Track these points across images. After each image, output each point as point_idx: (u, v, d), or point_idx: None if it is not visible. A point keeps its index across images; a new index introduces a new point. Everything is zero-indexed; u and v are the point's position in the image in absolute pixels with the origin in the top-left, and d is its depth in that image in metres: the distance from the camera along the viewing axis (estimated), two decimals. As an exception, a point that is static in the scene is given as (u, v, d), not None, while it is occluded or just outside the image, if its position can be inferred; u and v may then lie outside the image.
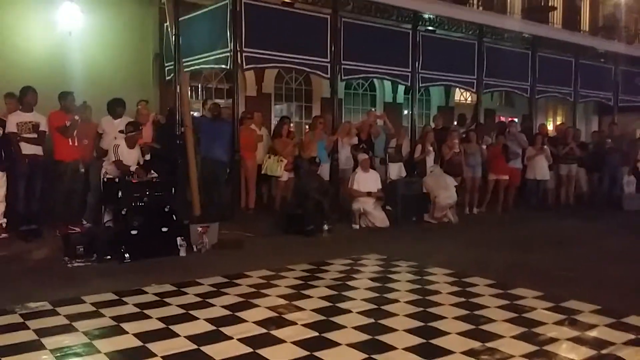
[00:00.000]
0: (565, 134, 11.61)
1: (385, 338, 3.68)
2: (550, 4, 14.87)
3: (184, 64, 8.47)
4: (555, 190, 11.36)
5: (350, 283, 5.10)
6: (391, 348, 3.50)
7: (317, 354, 3.38)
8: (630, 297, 4.74)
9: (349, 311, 4.24)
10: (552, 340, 3.70)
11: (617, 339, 3.73)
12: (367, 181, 8.39)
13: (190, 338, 3.62)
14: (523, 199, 10.84)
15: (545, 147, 10.68)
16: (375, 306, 4.38)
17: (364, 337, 3.70)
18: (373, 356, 3.36)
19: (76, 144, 7.02)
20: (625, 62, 14.57)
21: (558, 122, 16.09)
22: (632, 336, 3.78)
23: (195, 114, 9.74)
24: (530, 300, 4.59)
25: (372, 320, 4.03)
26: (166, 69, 9.65)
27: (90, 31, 8.63)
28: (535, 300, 4.60)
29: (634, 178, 11.55)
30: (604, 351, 3.51)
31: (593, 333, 3.86)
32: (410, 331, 3.82)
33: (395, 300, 4.53)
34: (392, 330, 3.85)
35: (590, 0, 16.43)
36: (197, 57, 8.87)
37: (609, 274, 5.64)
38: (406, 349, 3.49)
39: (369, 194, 8.29)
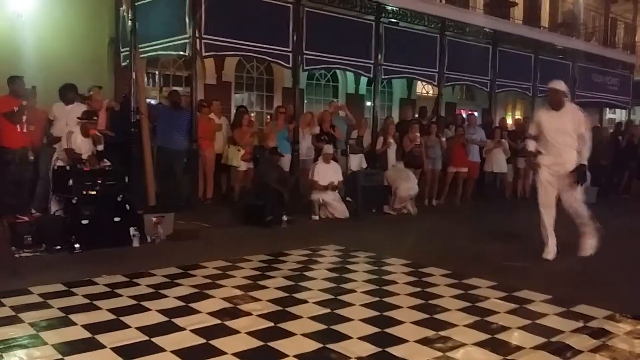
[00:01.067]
0: (524, 127, 11.82)
1: (340, 327, 3.66)
2: (511, 0, 15.10)
3: (141, 50, 8.25)
4: (512, 183, 11.59)
5: (307, 273, 5.07)
6: (346, 337, 3.49)
7: (271, 344, 3.33)
8: (580, 287, 4.85)
9: (305, 301, 4.20)
10: (504, 328, 3.74)
11: (567, 327, 3.80)
12: (327, 172, 8.37)
13: (141, 329, 3.53)
14: (481, 192, 11.02)
15: (503, 140, 10.87)
16: (332, 296, 4.36)
17: (320, 326, 3.67)
18: (328, 345, 3.33)
19: (25, 130, 6.74)
20: (583, 58, 14.96)
21: (517, 116, 16.42)
22: (581, 324, 3.87)
23: (152, 101, 9.52)
24: (484, 290, 4.65)
25: (328, 310, 4.01)
26: (122, 54, 9.39)
27: (42, 13, 8.32)
28: (489, 290, 4.66)
29: (589, 173, 11.82)
30: (553, 339, 3.57)
31: (544, 321, 3.92)
32: (365, 320, 3.82)
33: (352, 290, 4.52)
34: (348, 319, 3.83)
35: (549, -3, 16.79)
36: (154, 43, 8.64)
37: (560, 264, 5.77)
38: (361, 338, 3.48)
39: (327, 187, 8.25)
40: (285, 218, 7.50)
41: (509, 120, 15.56)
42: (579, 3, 16.36)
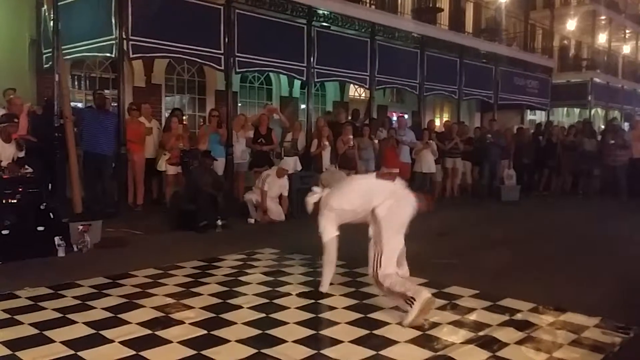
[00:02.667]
0: (451, 129, 12.25)
1: (275, 332, 3.65)
2: (437, 6, 15.61)
3: (64, 52, 7.92)
4: (441, 183, 11.96)
5: (242, 278, 5.01)
6: (281, 341, 3.48)
7: (205, 352, 3.28)
8: (506, 281, 5.05)
9: (240, 307, 4.16)
10: (435, 324, 3.85)
11: (494, 320, 3.95)
12: (277, 186, 8.29)
13: (66, 343, 3.37)
14: (412, 192, 11.27)
15: (432, 141, 11.20)
16: (267, 300, 4.33)
17: (254, 332, 3.64)
18: (263, 350, 3.31)
19: None
20: (505, 62, 15.67)
21: (445, 119, 16.97)
22: (507, 317, 4.03)
23: (79, 104, 9.16)
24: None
25: (263, 315, 3.99)
26: (44, 56, 9.00)
27: (-44, 13, 7.83)
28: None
29: (514, 171, 12.41)
30: (481, 333, 3.70)
31: (472, 316, 4.07)
32: (300, 323, 3.82)
33: (287, 294, 4.51)
34: (283, 323, 3.83)
35: (474, 3, 17.44)
36: (78, 44, 8.35)
37: (487, 260, 5.97)
38: (296, 341, 3.48)
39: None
40: (220, 222, 7.38)
41: (437, 122, 16.06)
42: (500, 9, 17.13)
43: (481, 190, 12.25)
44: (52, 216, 5.80)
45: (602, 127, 18.48)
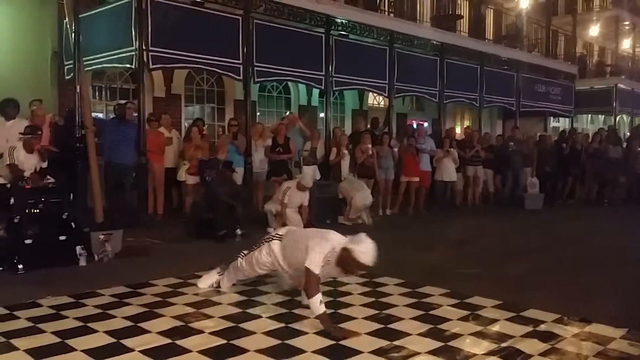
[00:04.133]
0: (472, 137, 12.14)
1: (295, 342, 3.61)
2: (457, 13, 15.53)
3: (85, 63, 8.03)
4: (462, 191, 11.84)
5: (261, 288, 4.99)
6: (301, 351, 3.45)
7: (223, 363, 3.26)
8: (529, 291, 4.96)
9: (259, 316, 4.13)
10: (456, 335, 3.78)
11: (517, 332, 3.86)
12: (297, 198, 8.26)
13: (87, 352, 3.38)
14: (433, 200, 11.21)
15: (452, 149, 11.10)
16: (286, 310, 4.30)
17: (274, 342, 3.61)
18: (281, 361, 3.29)
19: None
20: (527, 69, 15.50)
21: (465, 126, 16.83)
22: (530, 328, 3.94)
23: (100, 115, 9.28)
24: (437, 298, 4.69)
25: (283, 325, 3.95)
26: (66, 67, 9.14)
27: (-18, 28, 8.01)
28: (441, 298, 4.70)
29: (537, 179, 12.23)
30: (504, 344, 3.62)
31: (495, 327, 3.98)
32: (320, 333, 3.78)
33: (306, 305, 4.46)
34: (303, 333, 3.79)
35: (494, 10, 17.33)
36: (99, 55, 8.47)
37: (510, 270, 5.88)
38: (315, 352, 3.44)
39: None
40: (239, 232, 7.39)
41: (458, 130, 15.94)
42: (521, 16, 17.00)
43: (503, 198, 12.09)
44: (73, 226, 5.86)
45: (628, 134, 18.15)
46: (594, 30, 20.52)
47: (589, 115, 23.12)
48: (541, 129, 16.69)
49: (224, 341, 3.61)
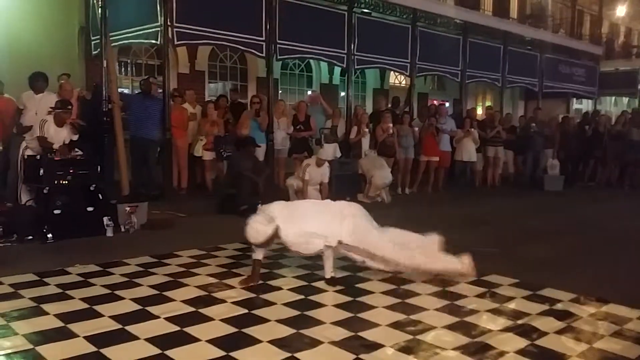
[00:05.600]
0: (493, 117, 12.06)
1: (313, 313, 3.73)
2: (481, -9, 15.32)
3: (112, 39, 8.15)
4: (482, 172, 11.81)
5: (282, 261, 5.11)
6: (319, 322, 3.56)
7: (245, 330, 3.38)
8: (546, 271, 4.99)
9: (280, 288, 4.26)
10: (473, 312, 3.85)
11: (533, 310, 3.92)
12: (317, 174, 8.36)
13: (114, 318, 3.54)
14: (452, 180, 11.21)
15: (473, 129, 11.05)
16: (306, 283, 4.42)
17: (294, 312, 3.73)
18: (301, 331, 3.40)
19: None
20: (550, 50, 15.25)
21: (487, 107, 16.68)
22: (547, 307, 3.99)
23: (125, 90, 9.41)
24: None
25: (302, 297, 4.07)
26: (92, 43, 9.26)
27: (11, 3, 8.13)
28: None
29: (558, 161, 12.13)
30: (520, 321, 3.68)
31: (511, 305, 4.04)
32: (338, 306, 3.89)
33: (324, 277, 4.56)
34: (321, 305, 3.91)
35: (519, -12, 17.04)
36: (125, 31, 8.56)
37: (527, 250, 5.91)
38: (334, 323, 3.55)
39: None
40: (260, 207, 7.49)
41: (479, 110, 15.81)
42: (547, -6, 16.69)
43: (523, 180, 12.03)
44: (101, 197, 6.03)
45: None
46: (620, 11, 20.04)
47: (613, 98, 22.70)
48: (564, 111, 16.48)
49: (246, 310, 3.74)
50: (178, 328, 3.39)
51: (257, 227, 4.15)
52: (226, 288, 4.23)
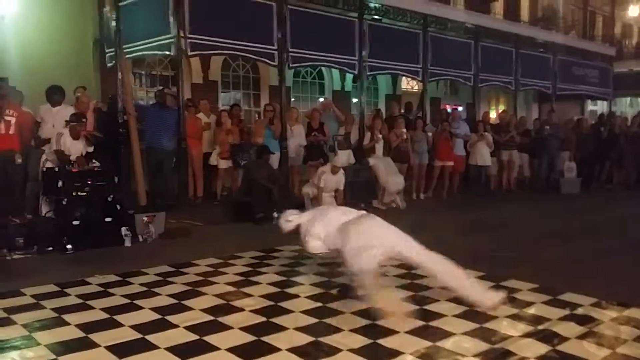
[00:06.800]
0: (506, 121, 12.00)
1: (332, 321, 3.72)
2: (492, -5, 15.29)
3: (126, 50, 8.26)
4: (497, 176, 11.74)
5: (299, 269, 5.12)
6: (338, 330, 3.55)
7: (264, 338, 3.39)
8: (566, 276, 4.93)
9: (297, 296, 4.26)
10: (493, 317, 3.82)
11: (554, 315, 3.88)
12: (332, 182, 8.37)
13: (134, 327, 3.56)
14: (467, 185, 11.16)
15: (487, 133, 11.00)
16: (323, 290, 4.42)
17: (312, 320, 3.73)
18: (320, 339, 3.40)
19: (11, 132, 6.69)
20: (563, 51, 15.16)
21: (500, 110, 16.60)
22: (567, 312, 3.95)
23: (140, 102, 9.51)
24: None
25: (320, 304, 4.07)
26: (107, 55, 9.39)
27: (26, 15, 8.31)
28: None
29: (575, 164, 12.03)
30: (540, 327, 3.65)
31: (531, 310, 4.01)
32: (356, 313, 3.87)
33: (343, 285, 4.56)
34: (339, 312, 3.90)
35: (530, -9, 16.97)
36: (139, 43, 8.66)
37: (546, 254, 5.85)
38: (352, 331, 3.55)
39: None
40: (276, 215, 7.51)
41: (493, 114, 15.73)
42: (558, -3, 16.60)
43: (539, 183, 11.95)
44: (118, 208, 6.09)
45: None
46: (633, 11, 19.88)
47: (628, 98, 22.46)
48: (578, 113, 16.35)
49: (264, 319, 3.74)
50: (197, 337, 3.41)
51: None
52: (244, 296, 4.25)
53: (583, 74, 16.04)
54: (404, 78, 14.26)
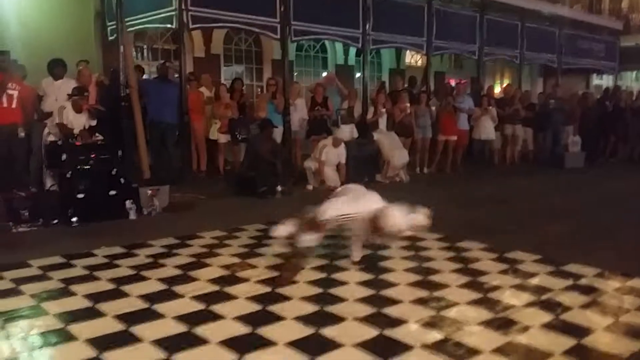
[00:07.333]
0: (511, 94, 11.91)
1: (337, 291, 3.76)
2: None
3: (127, 24, 8.17)
4: (501, 150, 11.71)
5: (303, 241, 5.13)
6: (343, 300, 3.59)
7: (270, 308, 3.43)
8: (570, 248, 4.95)
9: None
10: (496, 287, 3.86)
11: (557, 285, 3.91)
12: (334, 155, 8.35)
13: (141, 297, 3.60)
14: (470, 159, 11.13)
15: (491, 107, 10.93)
16: (328, 262, 4.44)
17: (317, 290, 3.77)
18: (325, 308, 3.43)
19: (13, 105, 6.66)
20: (569, 25, 14.96)
21: (505, 84, 16.46)
22: (571, 282, 3.98)
23: (145, 76, 9.44)
24: (476, 252, 4.76)
25: (325, 275, 4.11)
26: (108, 28, 9.30)
27: (26, -11, 8.19)
28: (480, 252, 4.77)
29: (579, 138, 11.97)
30: (544, 296, 3.68)
31: (534, 280, 4.04)
32: (361, 283, 3.92)
33: (347, 256, 4.59)
34: (344, 283, 3.93)
35: (535, -37, 16.64)
36: (140, 16, 8.58)
37: (550, 227, 5.87)
38: (357, 300, 3.58)
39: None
40: (279, 188, 7.54)
41: (497, 88, 15.61)
42: (564, -32, 16.28)
43: (543, 157, 11.91)
44: (122, 181, 6.09)
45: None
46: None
47: (634, 73, 22.23)
48: (584, 87, 16.23)
49: (269, 289, 3.77)
50: (204, 306, 3.44)
51: None
52: (249, 267, 4.28)
53: (589, 48, 15.84)
54: (407, 52, 14.12)
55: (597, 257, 4.52)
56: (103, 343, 2.90)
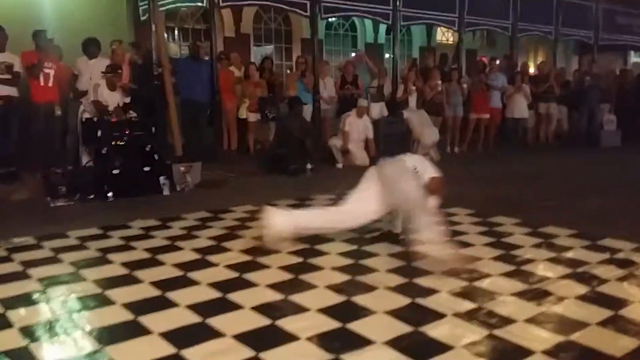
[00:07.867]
0: (545, 72, 11.64)
1: (368, 262, 3.77)
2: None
3: (159, 3, 8.22)
4: (534, 129, 11.48)
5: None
6: (374, 270, 3.60)
7: (301, 277, 3.46)
8: (606, 224, 4.84)
9: (333, 239, 4.29)
10: (529, 261, 3.81)
11: (592, 258, 3.84)
12: (358, 127, 8.32)
13: (176, 266, 3.67)
14: (503, 138, 10.95)
15: (525, 85, 10.70)
16: (358, 235, 4.44)
17: (348, 261, 3.79)
18: (357, 278, 3.45)
19: (50, 84, 6.81)
20: (606, 0, 14.47)
21: (539, 62, 16.07)
22: (607, 256, 3.90)
23: (174, 55, 9.54)
24: (509, 227, 4.70)
25: (356, 247, 4.12)
26: (140, 8, 9.39)
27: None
28: (513, 227, 4.71)
29: (615, 116, 11.65)
30: (579, 269, 3.62)
31: (569, 254, 3.97)
32: (392, 255, 3.92)
33: (378, 229, 4.56)
34: (375, 255, 3.93)
35: (572, -63, 16.11)
36: (172, -5, 8.64)
37: (585, 204, 5.75)
38: (389, 271, 3.59)
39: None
40: (309, 166, 7.57)
41: (532, 66, 15.26)
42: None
43: (578, 135, 11.64)
44: (156, 157, 6.20)
45: None
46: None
47: (676, 50, 21.45)
48: (621, 65, 15.71)
49: (301, 259, 3.81)
50: (237, 275, 3.50)
51: None
52: (281, 240, 4.30)
53: (628, 24, 15.30)
54: (438, 30, 13.90)
55: (635, 232, 4.41)
56: (139, 307, 2.98)
